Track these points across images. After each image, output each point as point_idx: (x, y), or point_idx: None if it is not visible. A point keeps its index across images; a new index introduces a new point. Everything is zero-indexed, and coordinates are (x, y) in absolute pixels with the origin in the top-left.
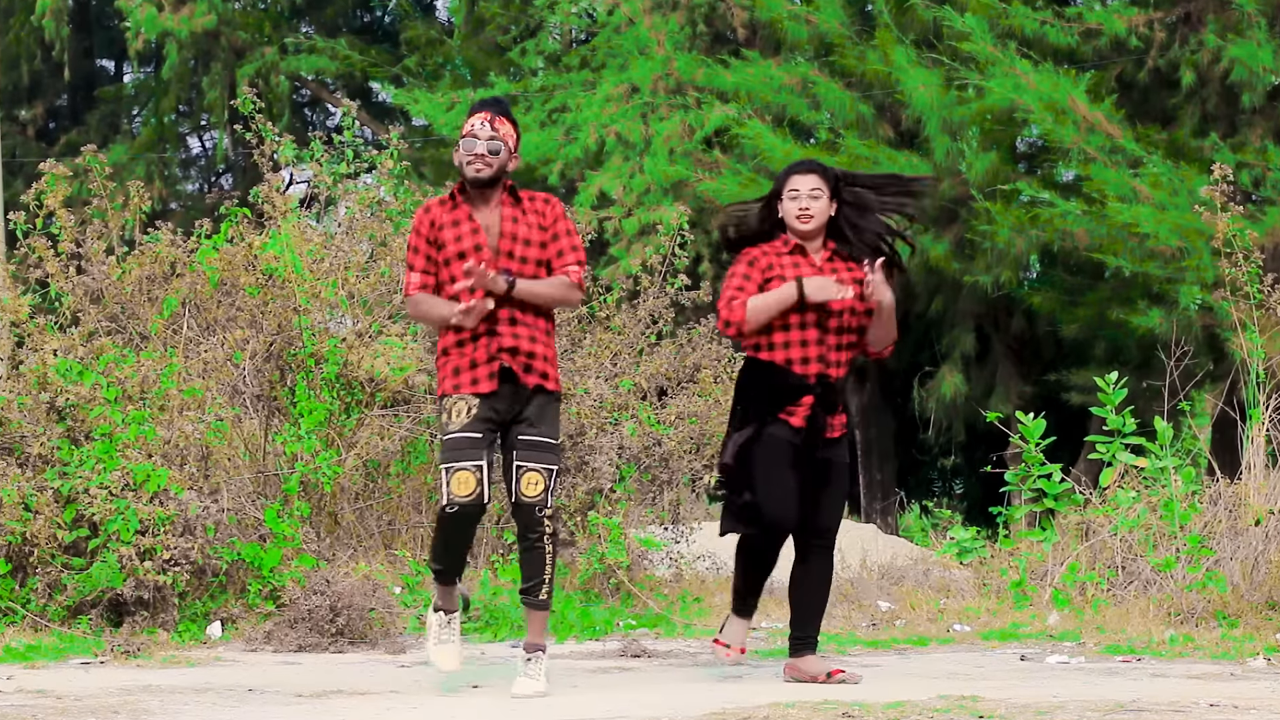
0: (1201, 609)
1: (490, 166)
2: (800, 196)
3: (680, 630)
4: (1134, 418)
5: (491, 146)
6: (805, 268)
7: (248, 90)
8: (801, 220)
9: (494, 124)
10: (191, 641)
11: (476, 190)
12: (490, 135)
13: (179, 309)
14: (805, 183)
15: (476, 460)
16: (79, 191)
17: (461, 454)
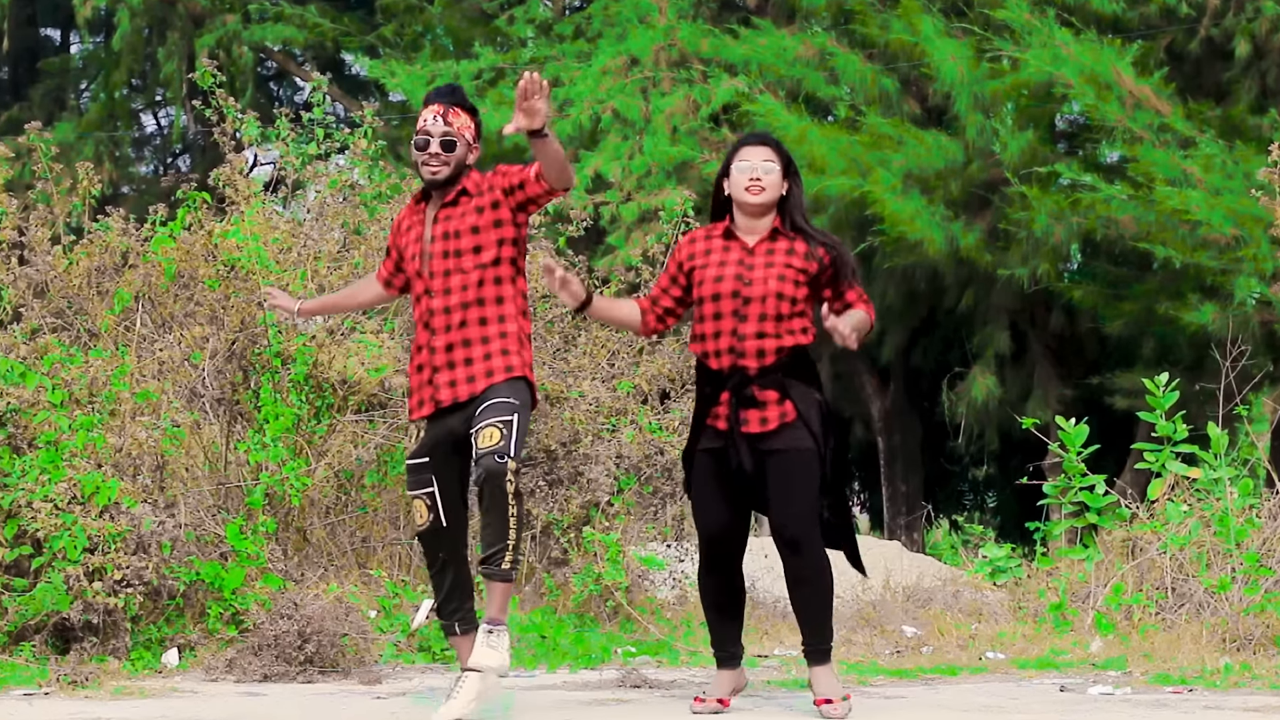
0: (1259, 635)
1: (447, 165)
2: (751, 167)
3: (684, 658)
4: (1185, 423)
5: (445, 141)
6: (734, 253)
7: (207, 62)
8: (751, 191)
9: (447, 117)
10: (145, 670)
11: (435, 192)
12: (444, 131)
13: (132, 303)
14: (757, 153)
15: (427, 487)
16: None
17: (413, 479)
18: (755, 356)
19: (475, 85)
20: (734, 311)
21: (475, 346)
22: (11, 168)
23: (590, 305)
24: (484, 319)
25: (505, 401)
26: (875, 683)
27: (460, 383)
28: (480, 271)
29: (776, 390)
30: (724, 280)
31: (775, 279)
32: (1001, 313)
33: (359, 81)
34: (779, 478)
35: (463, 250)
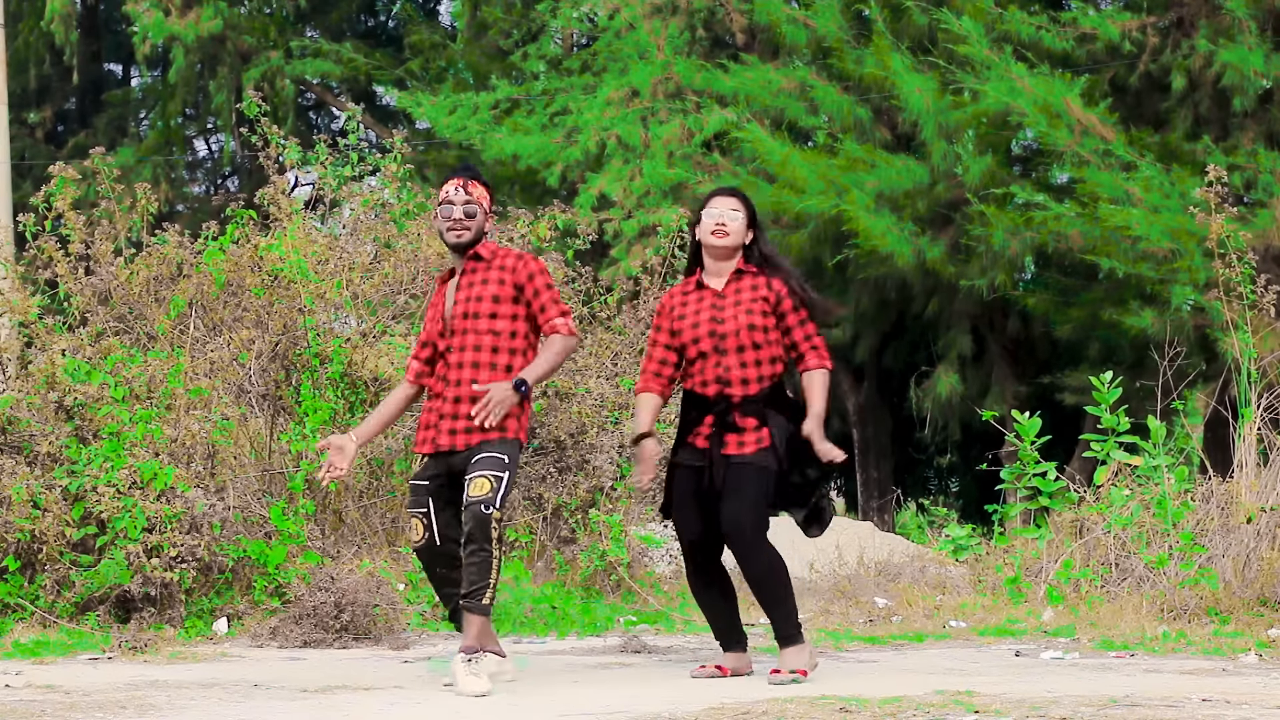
0: (1194, 605)
1: (468, 230)
2: (718, 214)
3: (680, 626)
4: (1127, 417)
5: (468, 210)
6: (706, 299)
7: (253, 94)
8: (716, 235)
9: (467, 188)
10: (198, 637)
11: (455, 257)
12: (465, 200)
13: (186, 309)
14: (724, 203)
15: (423, 508)
16: (87, 194)
17: (412, 499)
18: (740, 385)
19: (493, 114)
20: (714, 348)
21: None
22: (79, 188)
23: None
24: (495, 380)
25: (497, 458)
26: (850, 648)
27: (460, 433)
28: (494, 338)
29: (756, 419)
30: (700, 325)
31: (744, 314)
32: (963, 318)
33: (389, 111)
34: (732, 484)
35: (480, 314)
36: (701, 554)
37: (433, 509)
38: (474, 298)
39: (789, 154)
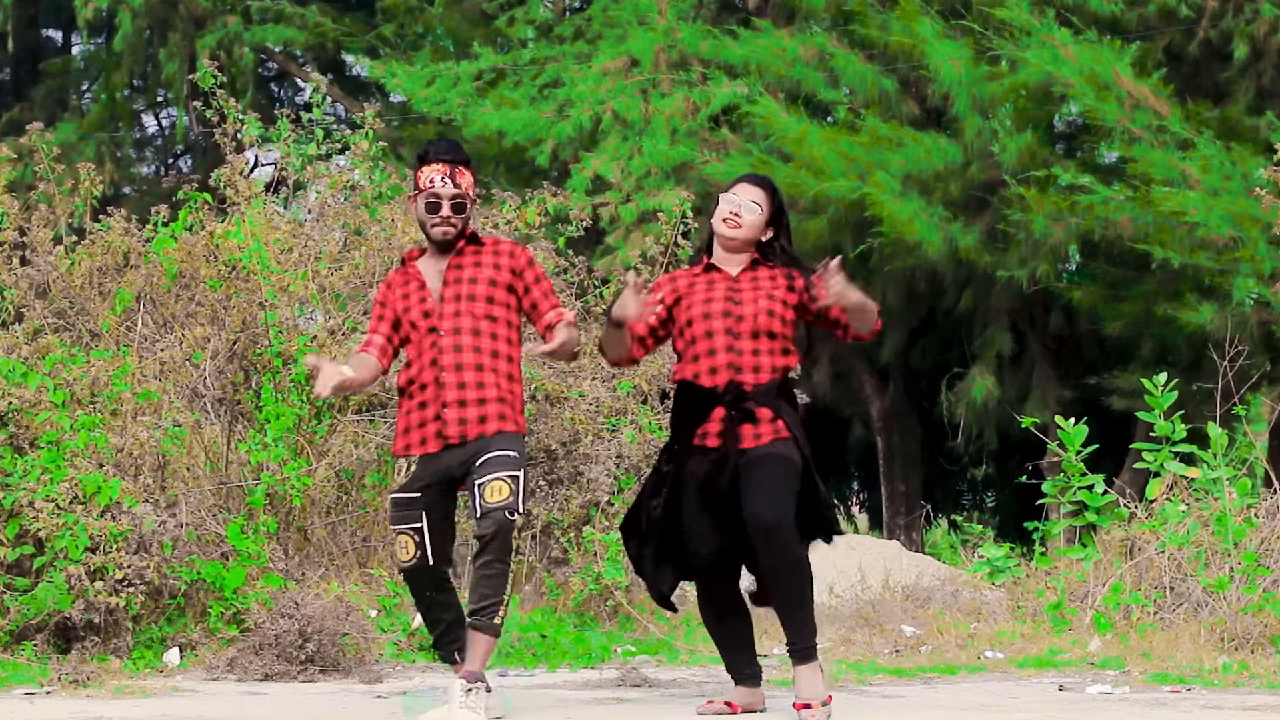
0: (1258, 634)
1: (455, 228)
2: (735, 202)
3: (684, 657)
4: (1184, 423)
5: (456, 204)
6: (719, 283)
7: (208, 63)
8: (728, 225)
9: (455, 179)
10: (147, 669)
11: (434, 250)
12: (454, 194)
13: (133, 304)
14: (747, 192)
15: (415, 523)
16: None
17: (399, 514)
18: (752, 372)
19: (475, 86)
20: (727, 330)
21: (488, 388)
22: (13, 168)
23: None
24: (495, 368)
25: (510, 456)
26: (874, 682)
27: (471, 421)
28: (490, 324)
29: (770, 409)
30: (714, 303)
31: (764, 298)
32: (1001, 313)
33: (360, 82)
34: (756, 474)
35: (476, 296)
36: (717, 574)
37: (426, 524)
38: (466, 279)
39: (805, 131)
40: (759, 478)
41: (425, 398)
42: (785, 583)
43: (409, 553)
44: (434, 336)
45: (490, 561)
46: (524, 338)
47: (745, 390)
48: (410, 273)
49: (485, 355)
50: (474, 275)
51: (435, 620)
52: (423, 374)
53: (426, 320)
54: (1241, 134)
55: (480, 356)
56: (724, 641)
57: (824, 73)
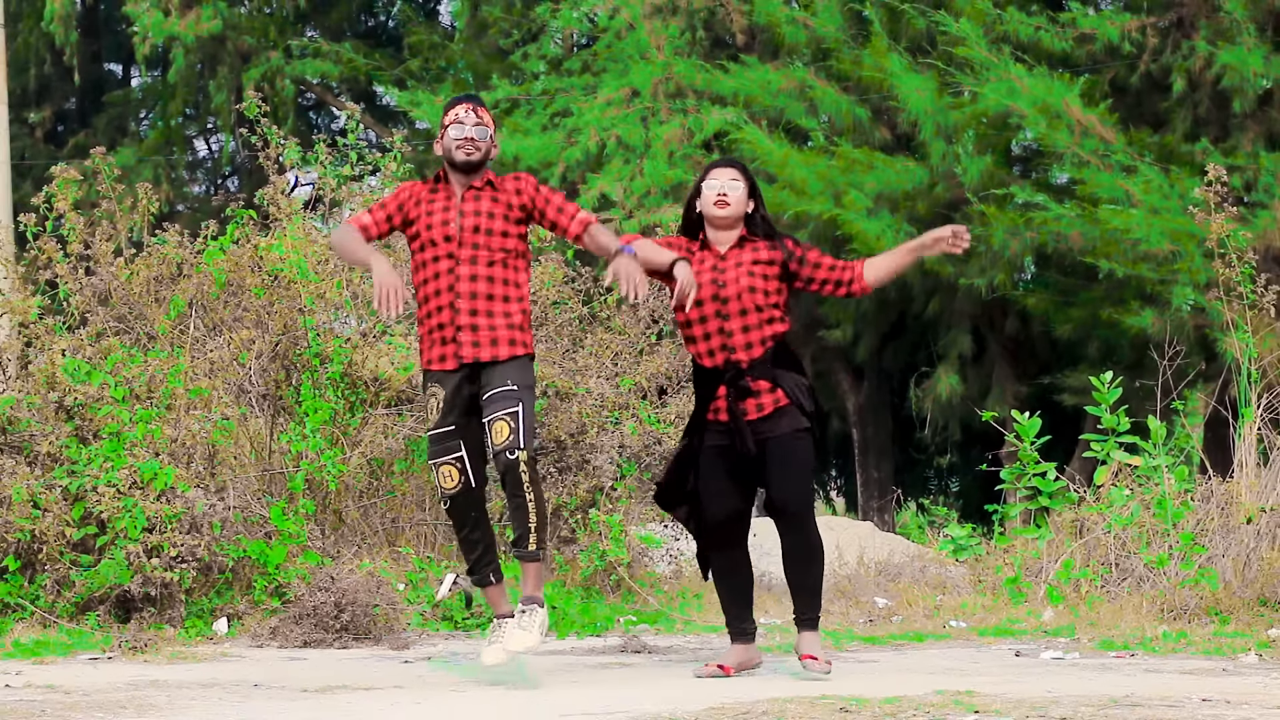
0: (1194, 605)
1: (479, 150)
2: (719, 185)
3: (680, 626)
4: (1127, 417)
5: (479, 132)
6: (707, 260)
7: (253, 94)
8: (719, 205)
9: (477, 112)
10: (198, 637)
11: (459, 177)
12: (476, 122)
13: (186, 309)
14: (724, 174)
15: (455, 452)
16: (88, 194)
17: (439, 448)
18: (744, 349)
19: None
20: (716, 312)
21: (498, 317)
22: (79, 189)
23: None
24: (506, 296)
25: (512, 390)
26: (850, 648)
27: (484, 344)
28: (504, 254)
29: (768, 380)
30: (701, 286)
31: (746, 275)
32: (963, 318)
33: (389, 111)
34: (779, 458)
35: (493, 230)
36: (729, 530)
37: (465, 451)
38: (484, 213)
39: (787, 155)
40: (782, 460)
41: (443, 319)
42: (803, 561)
43: (453, 480)
44: (451, 263)
45: (510, 497)
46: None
47: (742, 367)
48: (439, 194)
49: (497, 283)
50: (491, 209)
51: (473, 543)
52: (441, 298)
53: (447, 244)
54: (1178, 158)
55: (493, 285)
56: (728, 597)
57: (804, 103)
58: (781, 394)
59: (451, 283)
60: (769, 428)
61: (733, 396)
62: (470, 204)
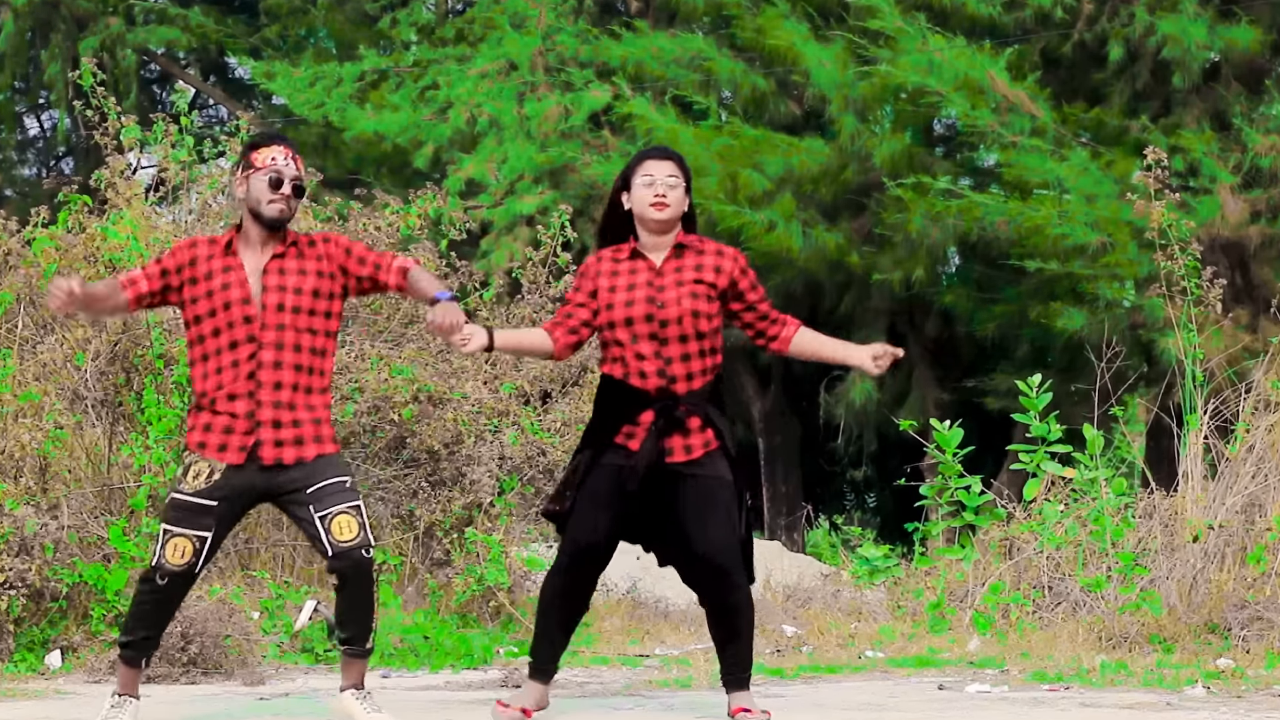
0: (1135, 633)
1: (292, 210)
2: (655, 183)
3: (566, 658)
4: (1060, 424)
5: (297, 187)
6: (641, 273)
7: (89, 61)
8: (657, 208)
9: (296, 161)
10: (28, 672)
11: (261, 234)
12: (295, 175)
13: (13, 305)
14: (661, 168)
15: (201, 530)
16: None
17: (183, 519)
18: (685, 380)
19: (358, 87)
20: (651, 335)
21: (301, 411)
22: None
23: (493, 345)
24: (310, 388)
25: (345, 483)
26: (756, 682)
27: (288, 444)
28: (311, 337)
29: (700, 417)
30: (635, 304)
31: (688, 297)
32: (879, 316)
33: (243, 85)
34: (701, 505)
35: (301, 308)
36: (587, 561)
37: (213, 534)
38: (290, 288)
39: (677, 131)
40: (705, 510)
41: (236, 409)
42: (730, 619)
43: (183, 557)
44: (252, 346)
45: (354, 599)
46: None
47: (678, 396)
48: (230, 259)
49: (304, 373)
50: (299, 284)
51: (154, 623)
52: (237, 384)
53: (247, 326)
54: (1115, 136)
55: (299, 375)
56: (554, 627)
57: (700, 74)
58: (712, 435)
59: (252, 370)
60: (690, 470)
61: (660, 429)
62: (274, 276)
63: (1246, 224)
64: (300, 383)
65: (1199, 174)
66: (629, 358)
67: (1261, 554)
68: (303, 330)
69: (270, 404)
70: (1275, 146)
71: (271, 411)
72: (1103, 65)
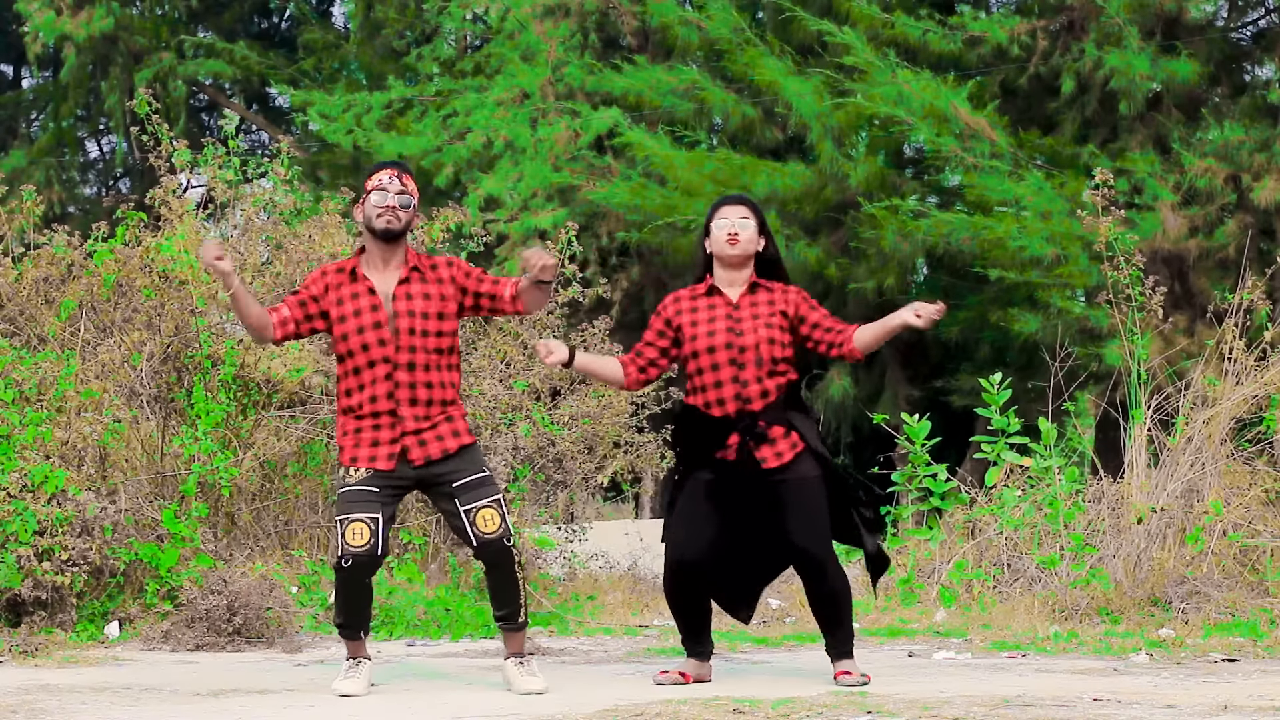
0: (1085, 605)
1: (399, 220)
2: (729, 224)
3: (574, 628)
4: (1018, 418)
5: (402, 201)
6: (720, 308)
7: (144, 91)
8: (730, 243)
9: (402, 180)
10: (89, 641)
11: (380, 248)
12: (400, 190)
13: (76, 311)
14: (734, 211)
15: (371, 512)
16: None
17: (354, 506)
18: (760, 398)
19: (385, 114)
20: (730, 361)
21: (439, 416)
22: None
23: (573, 362)
24: (445, 400)
25: (487, 476)
26: (744, 649)
27: (430, 442)
28: (440, 356)
29: (783, 426)
30: (716, 334)
31: (764, 327)
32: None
33: (282, 112)
34: (796, 504)
35: (429, 331)
36: (691, 577)
37: (382, 515)
38: (419, 313)
39: (673, 157)
40: (800, 507)
41: (381, 423)
42: (833, 598)
43: (363, 539)
44: (388, 368)
45: (503, 579)
46: None
47: (756, 413)
48: (358, 286)
49: (436, 388)
50: (425, 309)
51: (359, 605)
52: (378, 404)
53: (382, 349)
54: (1067, 161)
55: (432, 391)
56: (684, 625)
57: (695, 103)
58: (797, 438)
59: (390, 389)
60: (784, 475)
61: (748, 445)
62: (402, 302)
63: (1185, 238)
64: (434, 398)
65: (1143, 193)
66: (708, 385)
67: (1199, 535)
68: (431, 350)
69: (411, 417)
70: (1210, 169)
71: (413, 423)
72: (1056, 95)
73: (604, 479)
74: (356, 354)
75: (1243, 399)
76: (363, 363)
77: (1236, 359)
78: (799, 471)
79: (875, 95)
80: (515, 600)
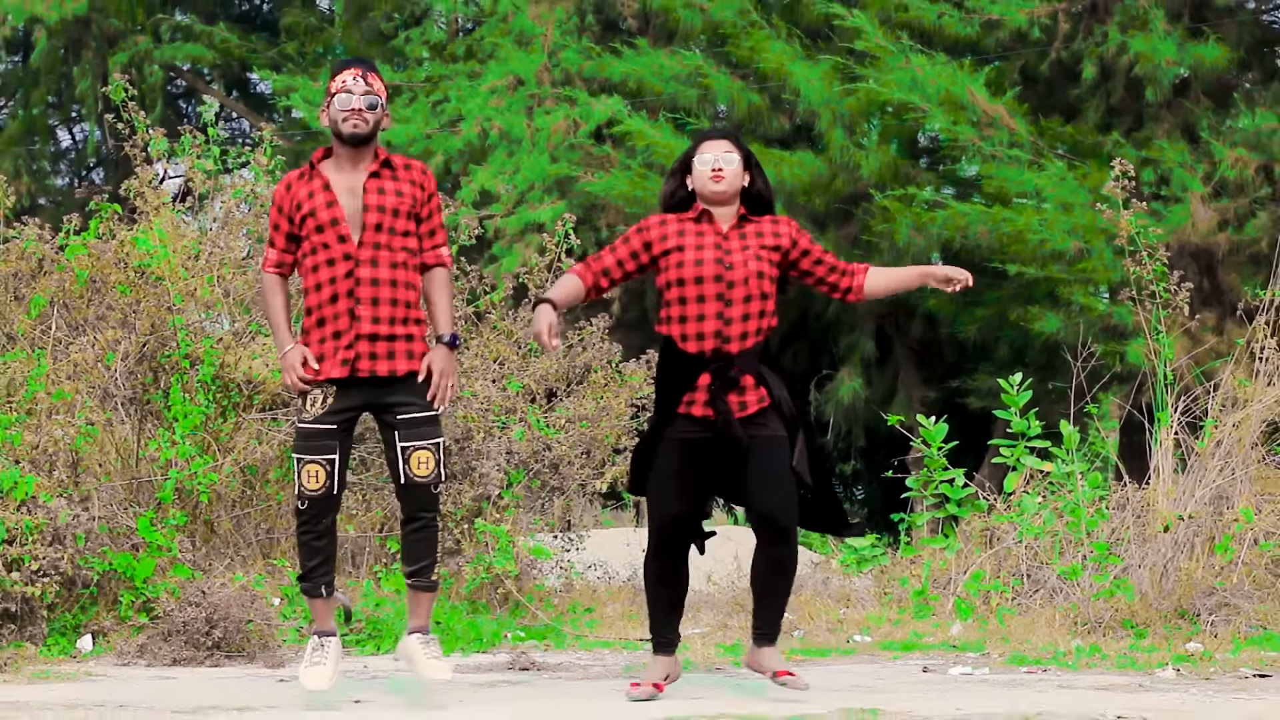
0: (1109, 618)
1: (367, 122)
2: (713, 159)
3: (571, 642)
4: (1039, 421)
5: (369, 101)
6: (709, 235)
7: (119, 76)
8: (715, 179)
9: (367, 79)
10: (61, 656)
11: (347, 151)
12: (365, 90)
13: (47, 308)
14: (718, 146)
15: (327, 453)
16: None
17: (310, 446)
18: (739, 339)
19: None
20: (718, 295)
21: (398, 325)
22: None
23: (558, 309)
24: (409, 301)
25: (434, 418)
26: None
27: (381, 357)
28: (406, 254)
29: (753, 375)
30: (704, 264)
31: (754, 259)
32: (867, 319)
33: (263, 99)
34: (763, 464)
35: (395, 228)
36: (677, 534)
37: (339, 455)
38: (389, 208)
39: (675, 146)
40: (765, 466)
41: (340, 327)
42: (784, 569)
43: (318, 481)
44: (349, 264)
45: (421, 527)
46: None
47: (732, 355)
48: (318, 181)
49: (400, 287)
50: (395, 204)
51: (317, 550)
52: (338, 304)
53: (342, 245)
54: (1090, 150)
55: (395, 290)
56: (661, 603)
57: (698, 90)
58: (765, 393)
59: (351, 287)
60: (752, 429)
61: (717, 388)
62: (373, 196)
63: (1215, 231)
64: (398, 298)
65: (1170, 184)
66: (689, 317)
67: (1229, 544)
68: (398, 249)
69: (369, 319)
70: (1241, 159)
71: (369, 326)
72: (1078, 82)
73: (603, 485)
74: (318, 250)
75: (1275, 400)
76: (322, 260)
77: (1268, 358)
78: (766, 430)
79: (888, 81)
80: (431, 554)
